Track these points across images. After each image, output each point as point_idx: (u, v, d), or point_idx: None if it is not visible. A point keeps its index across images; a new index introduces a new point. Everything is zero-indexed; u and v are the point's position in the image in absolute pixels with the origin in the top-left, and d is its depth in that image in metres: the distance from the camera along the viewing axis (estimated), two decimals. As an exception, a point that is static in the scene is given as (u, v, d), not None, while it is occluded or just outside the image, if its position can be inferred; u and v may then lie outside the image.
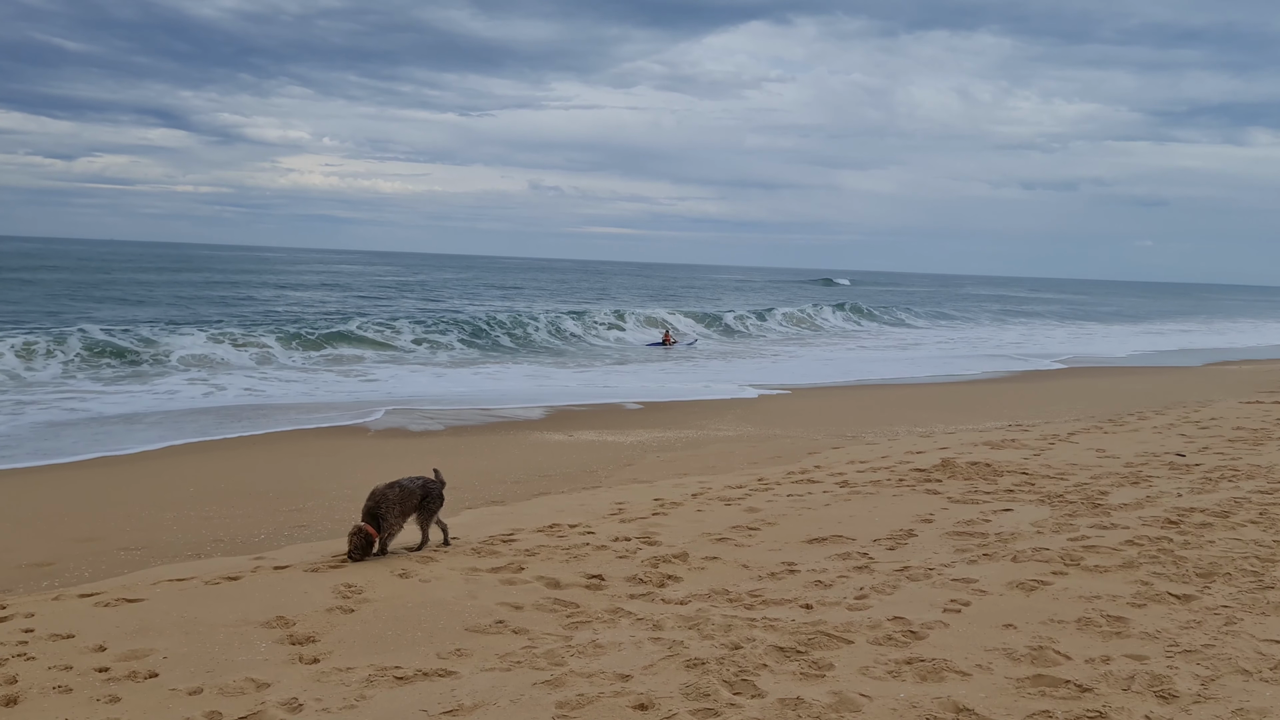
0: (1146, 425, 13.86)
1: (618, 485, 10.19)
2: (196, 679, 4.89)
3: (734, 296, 69.57)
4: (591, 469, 11.14)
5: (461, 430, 14.02)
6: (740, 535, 7.75)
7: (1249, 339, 42.74)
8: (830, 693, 4.55)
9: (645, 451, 12.37)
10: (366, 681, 4.84)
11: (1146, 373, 24.94)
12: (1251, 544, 7.00)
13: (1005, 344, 36.28)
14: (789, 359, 28.67)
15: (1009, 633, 5.34)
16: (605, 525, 8.17)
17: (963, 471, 10.11)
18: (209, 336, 24.88)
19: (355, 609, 6.01)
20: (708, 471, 10.95)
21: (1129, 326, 51.82)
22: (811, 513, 8.48)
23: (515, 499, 9.54)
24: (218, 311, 36.43)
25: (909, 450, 11.93)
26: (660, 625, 5.60)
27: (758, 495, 9.31)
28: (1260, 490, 8.83)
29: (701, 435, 13.69)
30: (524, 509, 9.02)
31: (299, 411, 15.54)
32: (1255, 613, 5.58)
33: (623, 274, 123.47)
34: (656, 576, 6.62)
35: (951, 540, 7.38)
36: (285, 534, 8.17)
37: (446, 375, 22.16)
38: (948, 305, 69.57)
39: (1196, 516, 7.82)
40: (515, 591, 6.36)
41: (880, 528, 7.85)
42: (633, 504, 9.06)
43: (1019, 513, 8.23)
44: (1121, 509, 8.19)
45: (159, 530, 8.27)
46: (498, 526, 8.23)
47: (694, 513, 8.62)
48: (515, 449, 12.45)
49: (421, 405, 16.39)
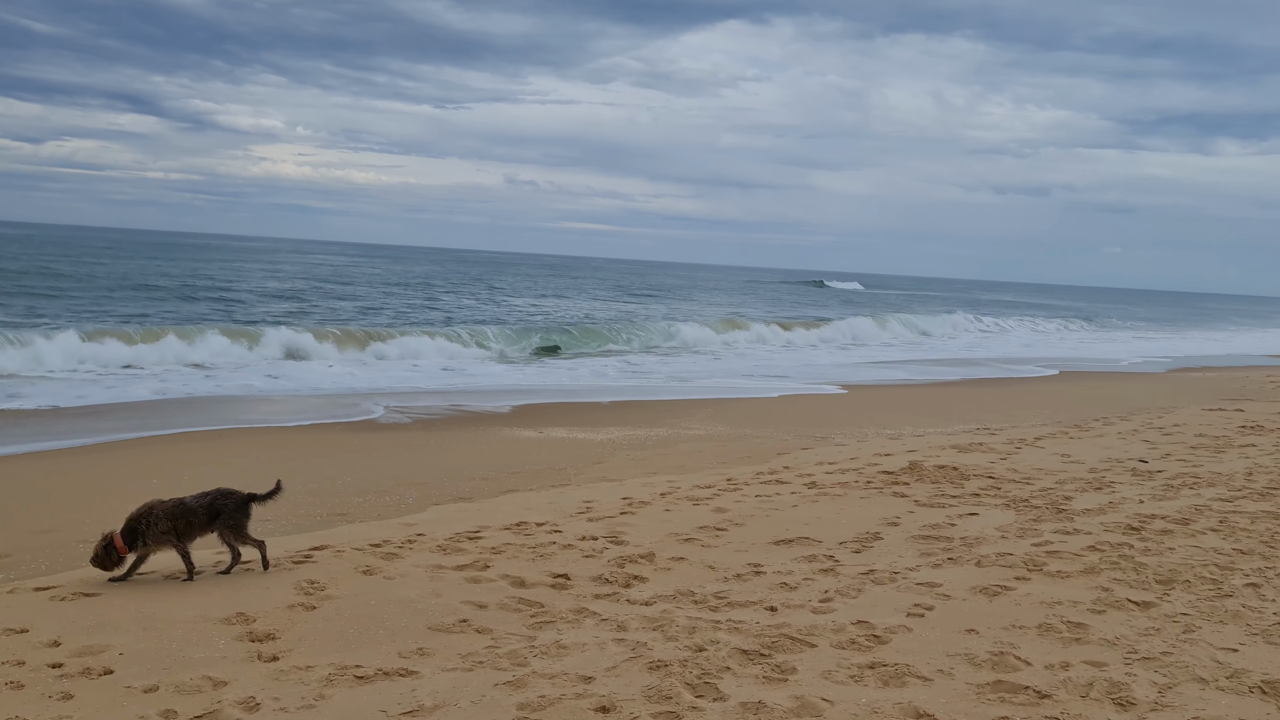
0: (1111, 431, 13.98)
1: (587, 484, 10.16)
2: (152, 676, 4.81)
3: (761, 301, 67.39)
4: (561, 466, 11.10)
5: (431, 424, 13.93)
6: (707, 536, 7.74)
7: (1215, 347, 43.26)
8: (792, 697, 4.54)
9: (615, 450, 12.34)
10: (326, 680, 4.78)
11: (1113, 378, 25.19)
12: (1211, 552, 7.06)
13: (977, 346, 36.55)
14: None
15: (971, 638, 5.35)
16: (573, 524, 8.14)
17: (930, 474, 10.16)
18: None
19: (317, 606, 5.94)
20: (677, 471, 10.93)
21: (1098, 332, 52.33)
22: (779, 514, 8.48)
23: (483, 496, 9.48)
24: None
25: (877, 452, 11.97)
26: (625, 626, 5.58)
27: (726, 495, 9.30)
28: (1220, 498, 8.92)
29: (672, 434, 13.68)
30: (492, 506, 8.96)
31: (273, 405, 15.39)
32: (1213, 621, 5.62)
33: (622, 271, 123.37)
34: (622, 577, 6.59)
35: (917, 544, 7.40)
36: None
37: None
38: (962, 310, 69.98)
39: (1158, 523, 7.88)
40: (480, 590, 6.31)
41: (847, 530, 7.87)
42: (601, 503, 9.03)
43: (984, 517, 8.27)
44: (1085, 514, 8.25)
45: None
46: (464, 523, 8.17)
47: (662, 512, 8.60)
48: (486, 445, 12.38)
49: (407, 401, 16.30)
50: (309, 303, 38.96)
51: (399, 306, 40.76)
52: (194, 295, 38.76)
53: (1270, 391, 20.61)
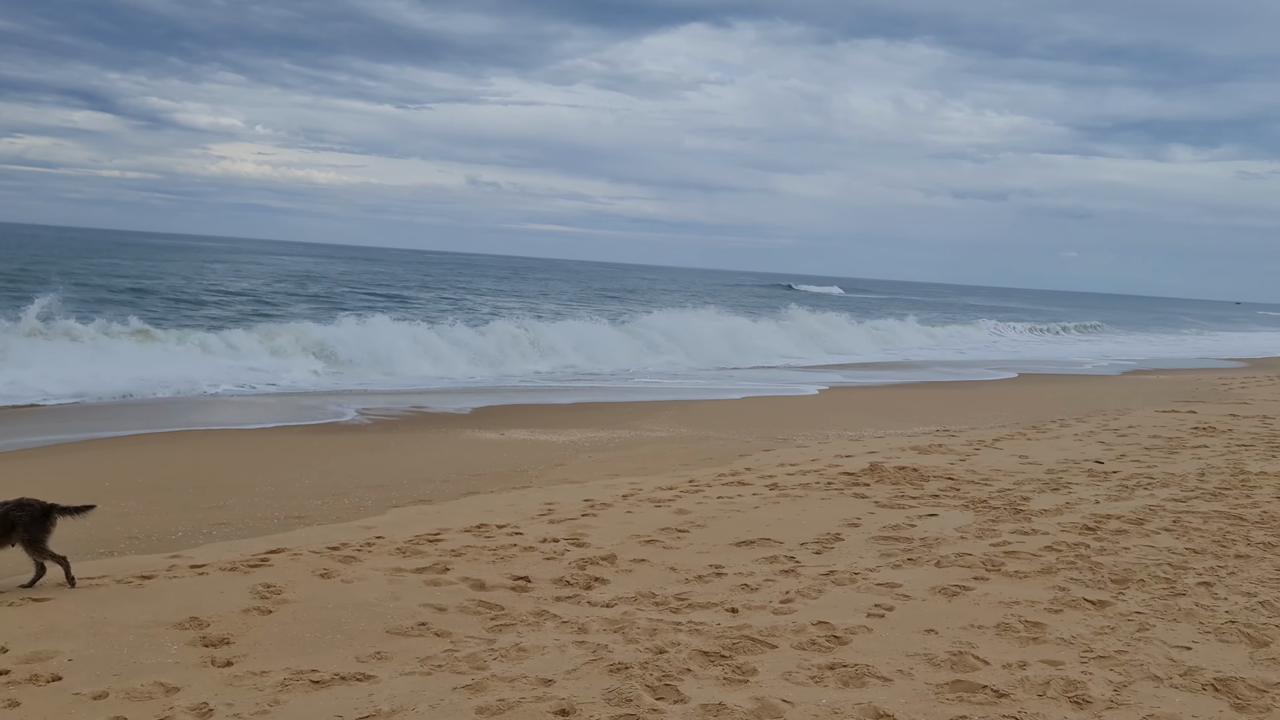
0: (1068, 433, 14.14)
1: (548, 485, 10.10)
2: (102, 682, 4.70)
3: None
4: (522, 468, 11.03)
5: (391, 426, 13.80)
6: (669, 537, 7.71)
7: (1167, 350, 43.97)
8: (753, 698, 4.53)
9: (578, 451, 12.29)
10: (281, 686, 4.70)
11: (1069, 381, 25.51)
12: (1165, 551, 7.15)
13: (941, 346, 36.88)
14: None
15: (930, 638, 5.37)
16: (534, 526, 8.08)
17: (890, 476, 10.21)
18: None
19: (273, 610, 5.84)
20: (639, 473, 10.90)
21: (1057, 335, 52.99)
22: (740, 515, 8.48)
23: (444, 498, 9.39)
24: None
25: (838, 454, 12.01)
26: (585, 629, 5.54)
27: (688, 497, 9.28)
28: (1174, 498, 9.04)
29: (635, 436, 13.65)
30: (452, 508, 8.88)
31: (231, 407, 15.18)
32: (1166, 619, 5.68)
33: (594, 274, 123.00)
34: (583, 579, 6.55)
35: (877, 544, 7.43)
36: (204, 532, 7.93)
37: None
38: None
39: (1113, 523, 7.97)
40: (440, 593, 6.25)
41: (808, 531, 7.88)
42: (563, 505, 8.98)
43: (944, 518, 8.32)
44: (1042, 515, 8.33)
45: (71, 526, 7.92)
46: (424, 526, 8.08)
47: (624, 514, 8.56)
48: (446, 447, 12.28)
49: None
50: (272, 304, 38.51)
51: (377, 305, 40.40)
52: (147, 293, 38.19)
53: (1221, 394, 20.97)
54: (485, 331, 25.23)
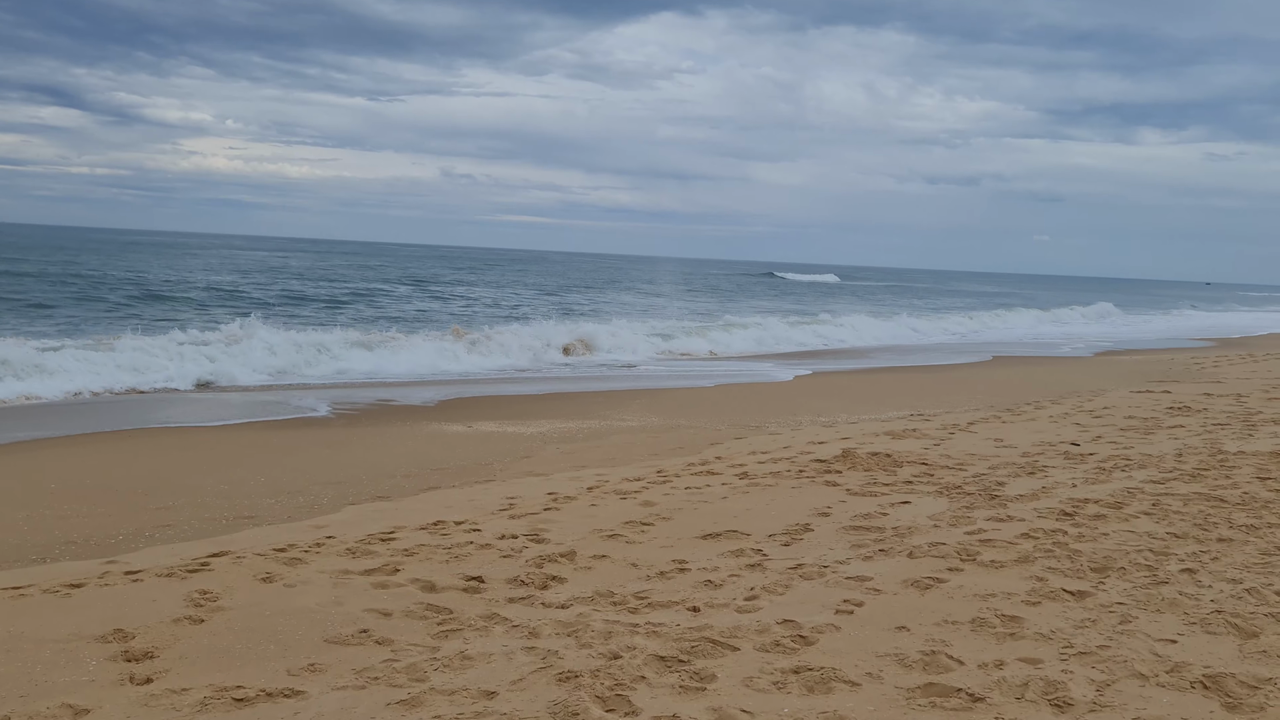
0: (1043, 415, 13.85)
1: (512, 479, 9.71)
2: (6, 705, 4.28)
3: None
4: (487, 462, 10.63)
5: (355, 420, 13.35)
6: (633, 531, 7.33)
7: (1137, 330, 43.96)
8: (710, 709, 4.15)
9: (546, 443, 11.89)
10: (201, 705, 4.29)
11: (1042, 362, 25.29)
12: (1145, 536, 6.82)
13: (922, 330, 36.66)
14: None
15: (901, 636, 5.02)
16: (493, 522, 7.68)
17: (863, 462, 9.86)
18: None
19: (206, 619, 5.42)
20: (607, 463, 10.52)
21: (1031, 315, 52.93)
22: (708, 506, 8.11)
23: (403, 494, 8.98)
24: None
25: (810, 440, 11.67)
26: (536, 633, 5.15)
27: (655, 488, 8.91)
28: (1152, 480, 8.73)
29: (605, 425, 13.27)
30: (410, 505, 8.48)
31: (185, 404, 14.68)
32: (1150, 610, 5.35)
33: (576, 265, 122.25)
34: (539, 578, 6.16)
35: (848, 535, 7.07)
36: (147, 535, 7.49)
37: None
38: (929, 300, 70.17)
39: (1091, 508, 7.65)
40: (386, 596, 5.85)
41: (776, 522, 7.52)
42: (525, 499, 8.59)
43: (917, 505, 7.97)
44: (1018, 500, 8.00)
45: (8, 531, 7.51)
46: (379, 524, 7.68)
47: (588, 507, 8.18)
48: (410, 441, 11.85)
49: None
50: (258, 300, 37.86)
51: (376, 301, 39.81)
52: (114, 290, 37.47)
53: (1195, 373, 20.77)
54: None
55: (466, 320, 32.16)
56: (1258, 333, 43.55)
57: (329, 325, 24.97)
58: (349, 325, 26.35)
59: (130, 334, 19.57)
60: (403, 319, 33.20)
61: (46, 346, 17.75)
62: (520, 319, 31.74)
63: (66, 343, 18.85)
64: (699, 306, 49.18)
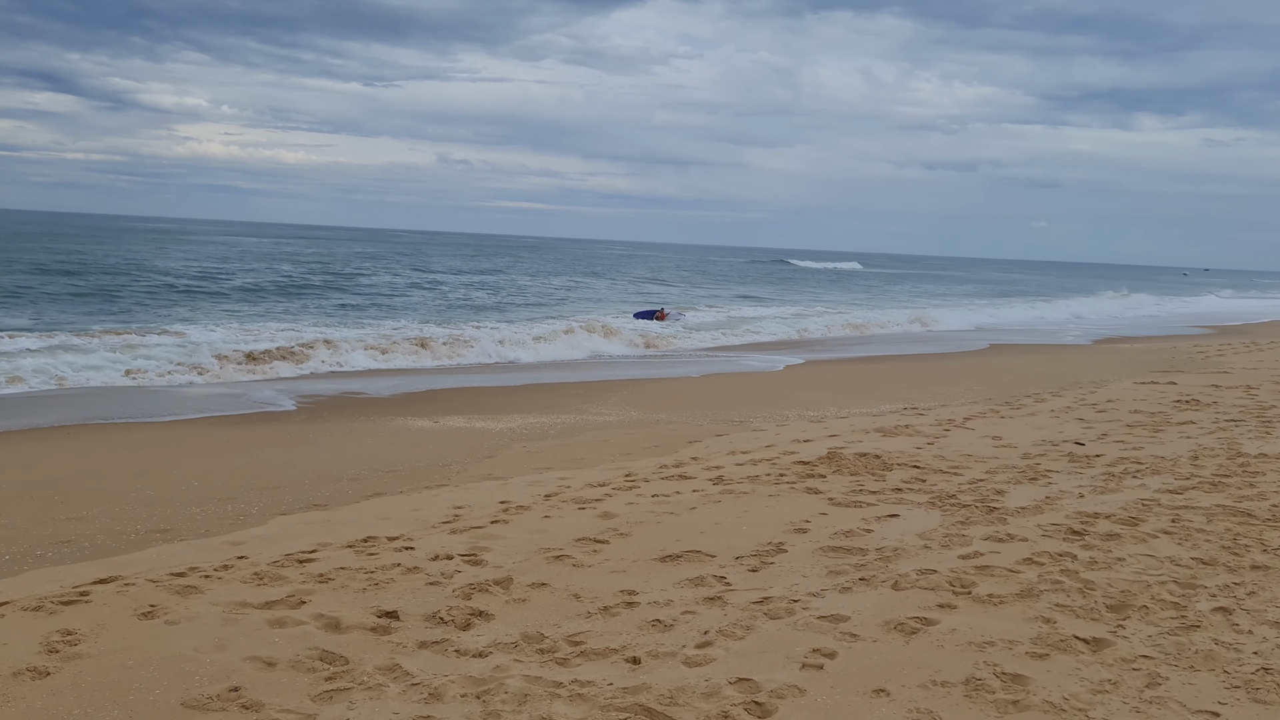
0: (1044, 409, 12.83)
1: (467, 483, 8.72)
2: None
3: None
4: (445, 463, 9.63)
5: (319, 414, 12.35)
6: (583, 551, 6.34)
7: (1137, 316, 42.78)
8: (626, 821, 3.16)
9: (513, 440, 10.90)
10: (-15, 807, 3.31)
11: (1041, 351, 24.23)
12: (1167, 563, 5.80)
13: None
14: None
15: (879, 703, 4.01)
16: (430, 539, 6.69)
17: (849, 465, 8.86)
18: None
19: (54, 671, 4.43)
20: (573, 465, 9.53)
21: (1028, 302, 51.74)
22: (673, 520, 7.11)
23: (342, 501, 8.00)
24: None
25: (795, 439, 10.66)
26: (439, 694, 4.16)
27: (619, 496, 7.91)
28: (1168, 489, 7.70)
29: (580, 420, 12.27)
30: (346, 515, 7.49)
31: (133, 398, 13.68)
32: (1182, 667, 4.34)
33: (580, 251, 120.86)
34: (462, 614, 5.17)
35: (825, 558, 6.06)
36: (39, 554, 6.50)
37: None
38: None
39: (1102, 524, 6.63)
40: (279, 639, 4.86)
41: (747, 540, 6.51)
42: (474, 508, 7.61)
43: (906, 519, 6.96)
44: (1019, 514, 6.98)
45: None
46: (303, 540, 6.69)
47: (540, 520, 7.19)
48: (370, 438, 10.86)
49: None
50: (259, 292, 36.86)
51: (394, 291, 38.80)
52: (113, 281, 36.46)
53: (1199, 362, 19.70)
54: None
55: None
56: (1261, 319, 42.36)
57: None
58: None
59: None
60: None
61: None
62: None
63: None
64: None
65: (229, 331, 21.85)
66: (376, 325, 24.81)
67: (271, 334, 21.64)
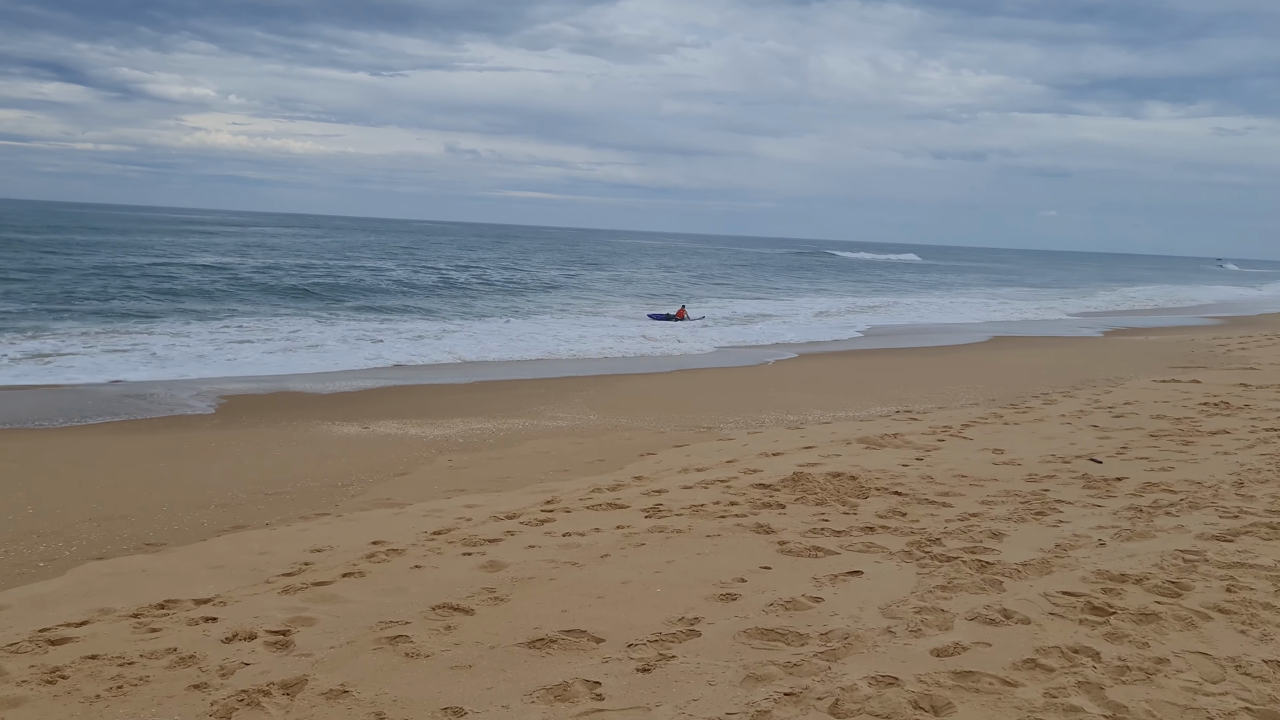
0: (1053, 412, 10.88)
1: (355, 512, 6.94)
2: None
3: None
4: (345, 483, 7.85)
5: (237, 418, 10.57)
6: (432, 628, 4.51)
7: (1151, 306, 40.42)
8: None
9: (441, 451, 9.10)
10: None
11: (1047, 343, 22.16)
12: (1230, 667, 3.89)
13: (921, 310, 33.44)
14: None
15: None
16: (249, 602, 4.90)
17: (817, 490, 6.99)
18: None
19: None
20: (493, 486, 7.73)
21: (1034, 293, 49.38)
22: (574, 574, 5.27)
23: (183, 539, 6.24)
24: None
25: (764, 451, 8.79)
26: None
27: (523, 535, 6.09)
28: (1213, 534, 5.74)
29: (528, 426, 10.45)
30: (172, 562, 5.73)
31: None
32: None
33: (594, 241, 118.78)
34: (193, 755, 3.37)
35: (749, 650, 4.19)
36: None
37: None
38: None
39: (1132, 594, 4.70)
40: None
41: (654, 612, 4.65)
42: (336, 551, 5.83)
43: (871, 579, 5.08)
44: (1020, 573, 5.07)
45: None
46: (89, 601, 4.95)
47: (407, 570, 5.38)
48: (278, 448, 9.08)
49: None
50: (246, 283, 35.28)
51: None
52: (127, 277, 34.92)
53: (1221, 357, 17.59)
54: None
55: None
56: (1273, 309, 39.92)
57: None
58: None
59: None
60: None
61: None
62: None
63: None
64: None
65: (220, 330, 20.16)
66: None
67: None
